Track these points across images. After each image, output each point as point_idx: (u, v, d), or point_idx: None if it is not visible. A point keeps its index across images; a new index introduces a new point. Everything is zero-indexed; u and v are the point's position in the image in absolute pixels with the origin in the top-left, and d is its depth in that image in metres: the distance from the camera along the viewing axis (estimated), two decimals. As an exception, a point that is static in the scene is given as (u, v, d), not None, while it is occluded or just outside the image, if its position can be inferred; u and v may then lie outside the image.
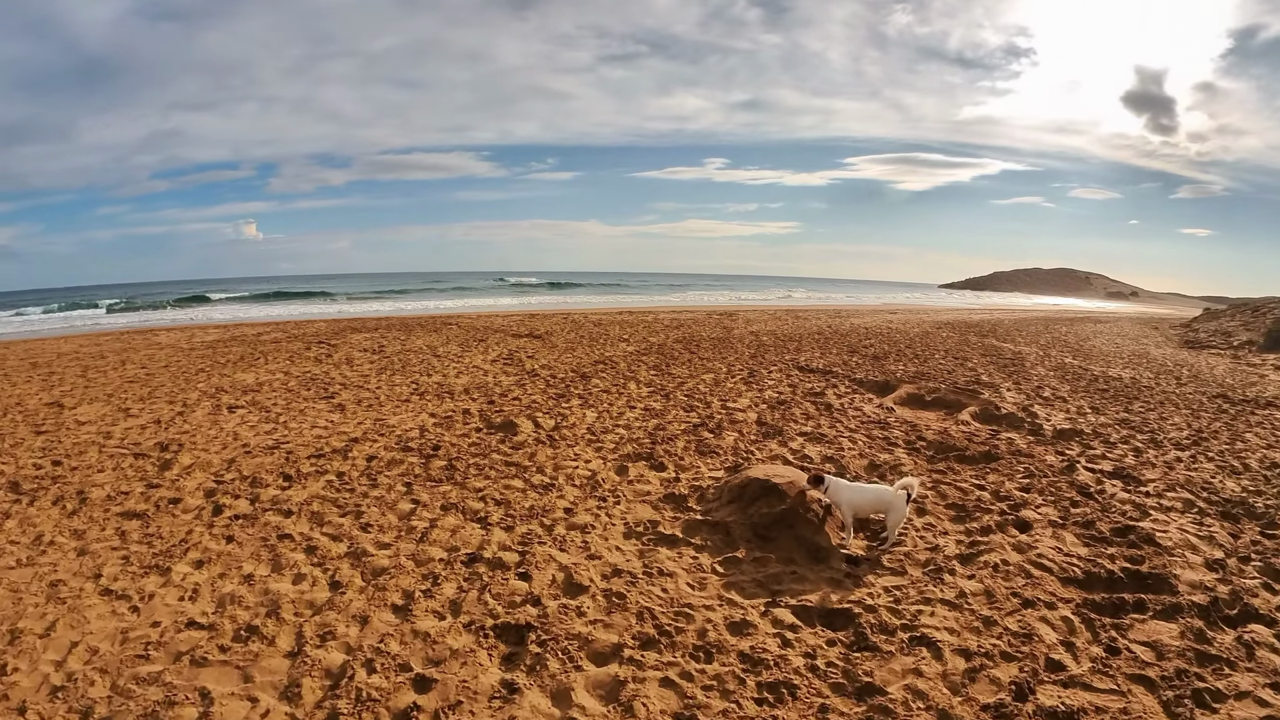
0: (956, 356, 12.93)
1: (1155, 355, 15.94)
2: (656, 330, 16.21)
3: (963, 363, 12.12)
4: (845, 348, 13.62)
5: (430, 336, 15.26)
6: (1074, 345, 16.86)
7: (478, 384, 9.22)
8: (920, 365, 11.51)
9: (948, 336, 17.06)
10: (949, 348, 14.47)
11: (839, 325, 19.12)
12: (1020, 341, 16.89)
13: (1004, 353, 14.04)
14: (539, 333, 15.45)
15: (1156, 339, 21.08)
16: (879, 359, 12.08)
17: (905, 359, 12.21)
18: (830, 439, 6.57)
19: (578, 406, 7.67)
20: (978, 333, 18.65)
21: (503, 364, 10.91)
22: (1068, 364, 13.02)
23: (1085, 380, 10.91)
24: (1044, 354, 14.31)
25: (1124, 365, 13.30)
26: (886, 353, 12.95)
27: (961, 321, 23.43)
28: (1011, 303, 60.75)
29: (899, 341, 15.16)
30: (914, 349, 13.78)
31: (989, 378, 10.61)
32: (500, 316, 22.22)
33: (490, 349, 12.78)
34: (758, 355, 12.03)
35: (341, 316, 24.63)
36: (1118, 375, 11.79)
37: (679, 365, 10.64)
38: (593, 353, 12.08)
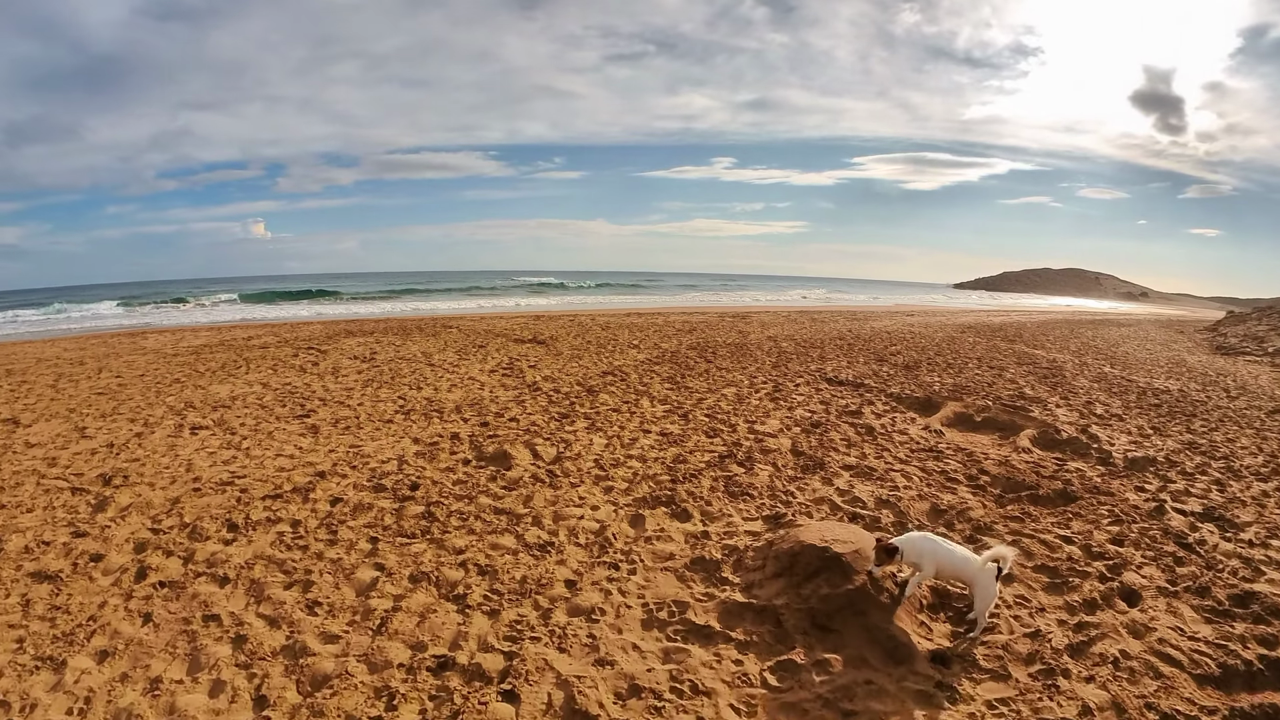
0: (991, 366, 11.95)
1: (1193, 363, 14.95)
2: (668, 335, 15.26)
3: (1000, 374, 11.15)
4: (872, 355, 12.65)
5: (427, 342, 14.34)
6: (1106, 352, 15.87)
7: (472, 400, 8.28)
8: (956, 376, 10.54)
9: (975, 342, 16.07)
10: (980, 355, 13.50)
11: (859, 329, 18.13)
12: (1050, 347, 15.90)
13: (1039, 361, 13.06)
14: (543, 338, 14.51)
15: (1186, 344, 20.06)
16: (911, 369, 11.10)
17: (938, 369, 11.23)
18: (880, 474, 5.61)
19: (583, 430, 6.72)
20: (1004, 338, 17.65)
21: (501, 375, 9.97)
22: (1109, 374, 12.06)
23: (1133, 394, 9.98)
24: (1081, 362, 13.33)
25: (1166, 375, 12.35)
26: (917, 361, 11.97)
27: (983, 325, 22.43)
28: (1026, 304, 59.64)
29: (926, 348, 14.18)
30: (944, 357, 12.80)
31: (1033, 391, 9.66)
32: (504, 319, 21.30)
33: (490, 356, 11.85)
34: (780, 365, 11.06)
35: (340, 318, 23.75)
36: (1164, 387, 10.85)
37: (696, 377, 9.68)
38: (600, 361, 11.13)
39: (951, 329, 19.85)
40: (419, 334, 16.09)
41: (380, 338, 15.33)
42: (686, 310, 25.98)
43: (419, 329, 17.45)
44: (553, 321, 19.36)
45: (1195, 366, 14.17)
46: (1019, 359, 13.21)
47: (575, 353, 12.17)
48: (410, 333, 16.40)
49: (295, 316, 25.62)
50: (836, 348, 13.59)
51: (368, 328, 18.27)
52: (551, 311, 25.90)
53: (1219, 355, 17.42)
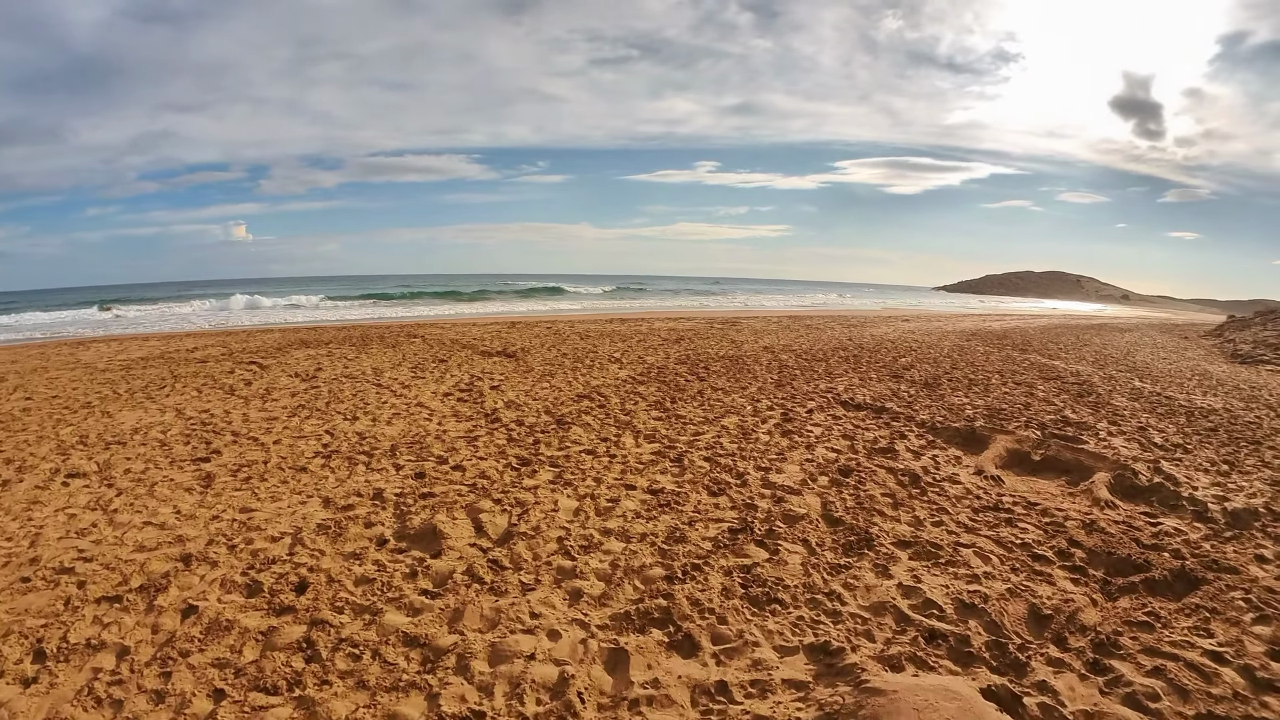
0: (1017, 382, 10.57)
1: (1218, 374, 13.70)
2: (653, 346, 13.73)
3: (1031, 392, 9.78)
4: (884, 370, 11.21)
5: (385, 355, 12.71)
6: (1124, 362, 14.60)
7: (413, 436, 6.70)
8: (985, 396, 9.14)
9: (986, 352, 14.72)
10: (998, 368, 12.13)
11: (858, 338, 16.73)
12: (1066, 358, 14.59)
13: (1063, 375, 11.72)
14: (513, 350, 12.93)
15: (1198, 352, 18.88)
16: (932, 387, 9.67)
17: (962, 387, 9.82)
18: (947, 552, 4.13)
19: (547, 484, 5.17)
20: (1014, 346, 16.33)
21: (457, 399, 8.40)
22: (1143, 390, 10.75)
23: (1180, 415, 8.71)
24: (1107, 376, 12.01)
25: (1200, 389, 11.09)
26: (936, 378, 10.54)
27: (986, 331, 21.15)
28: (1017, 308, 58.88)
29: (939, 360, 12.78)
30: (962, 371, 11.40)
31: (1076, 415, 8.30)
32: (476, 326, 19.67)
33: (449, 374, 10.26)
34: (784, 384, 9.57)
35: (301, 325, 21.97)
36: (1208, 406, 9.58)
37: (688, 401, 8.15)
38: (576, 380, 9.58)
39: (955, 336, 18.52)
40: (378, 345, 14.45)
41: (335, 349, 13.69)
42: (672, 315, 24.48)
43: (381, 339, 15.81)
44: (528, 329, 17.78)
45: (1224, 379, 12.92)
46: (1042, 372, 11.85)
47: (548, 369, 10.60)
48: (370, 343, 14.77)
49: (258, 324, 23.80)
50: (842, 360, 12.14)
51: (328, 336, 16.61)
52: (529, 317, 24.30)
53: (1238, 364, 16.24)
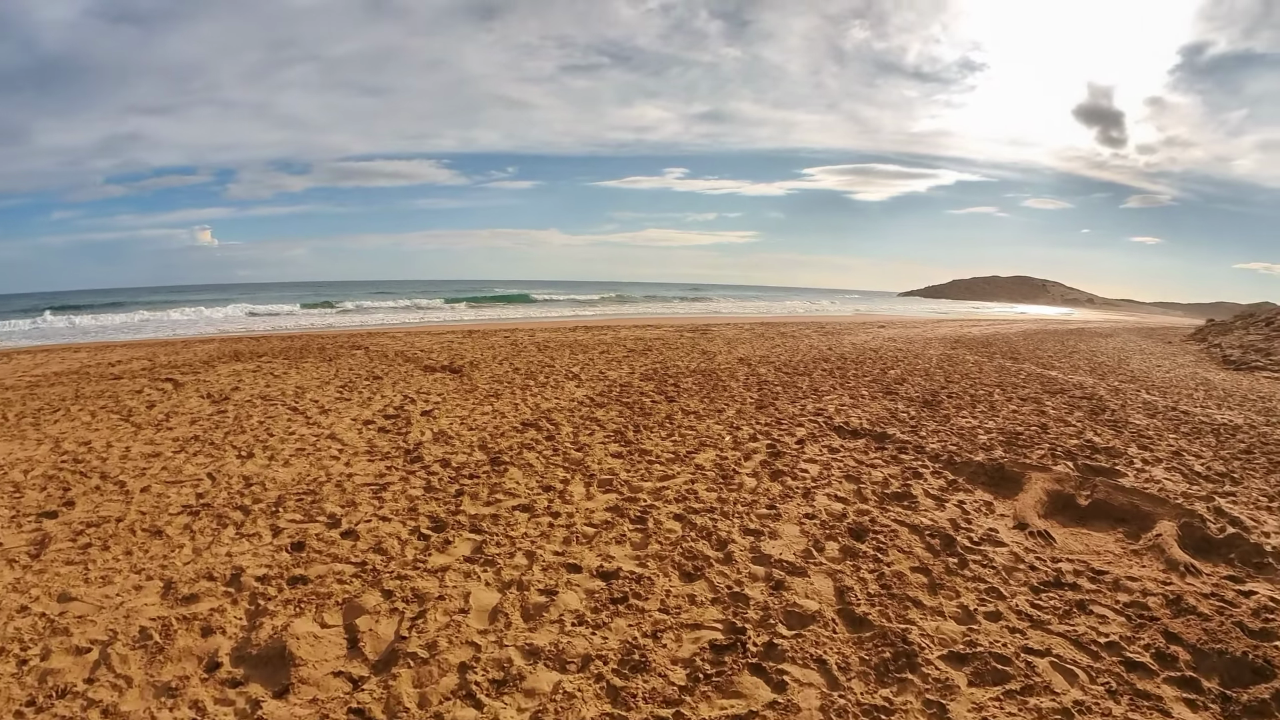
0: (1023, 397, 9.49)
1: (1219, 383, 12.85)
2: (617, 358, 12.40)
3: (1040, 409, 8.70)
4: (874, 385, 10.03)
5: (316, 370, 11.21)
6: (1121, 370, 13.70)
7: (309, 483, 5.29)
8: (994, 416, 8.01)
9: (977, 361, 13.67)
10: (995, 380, 11.07)
11: (838, 346, 15.58)
12: (1061, 366, 13.62)
13: (1067, 388, 10.70)
14: (461, 364, 11.50)
15: (1187, 358, 18.13)
16: (931, 405, 8.51)
17: (965, 405, 8.68)
18: (1016, 668, 2.88)
19: (461, 564, 3.80)
20: (1004, 355, 15.33)
21: (379, 429, 6.99)
22: (1155, 404, 9.76)
23: (1208, 434, 7.78)
24: (1113, 388, 11.02)
25: (1212, 402, 10.20)
26: (934, 394, 9.39)
27: (969, 338, 20.23)
28: (989, 313, 58.73)
29: (930, 372, 11.66)
30: (959, 385, 10.30)
31: (1100, 438, 7.22)
32: (428, 335, 18.15)
33: (380, 394, 8.83)
34: (766, 404, 8.32)
35: (245, 334, 20.23)
36: (1228, 421, 8.66)
37: (654, 429, 6.83)
38: (524, 403, 8.22)
39: (940, 344, 17.49)
40: (314, 358, 12.91)
41: (264, 363, 12.14)
42: (639, 323, 23.16)
43: (319, 350, 14.25)
44: (484, 339, 16.33)
45: (1230, 388, 12.03)
46: (1044, 385, 10.80)
47: (495, 388, 9.21)
48: (306, 356, 13.22)
49: (195, 332, 21.95)
50: (827, 374, 10.94)
51: (264, 347, 14.99)
52: (488, 325, 22.81)
53: (1234, 371, 15.46)
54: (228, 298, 47.71)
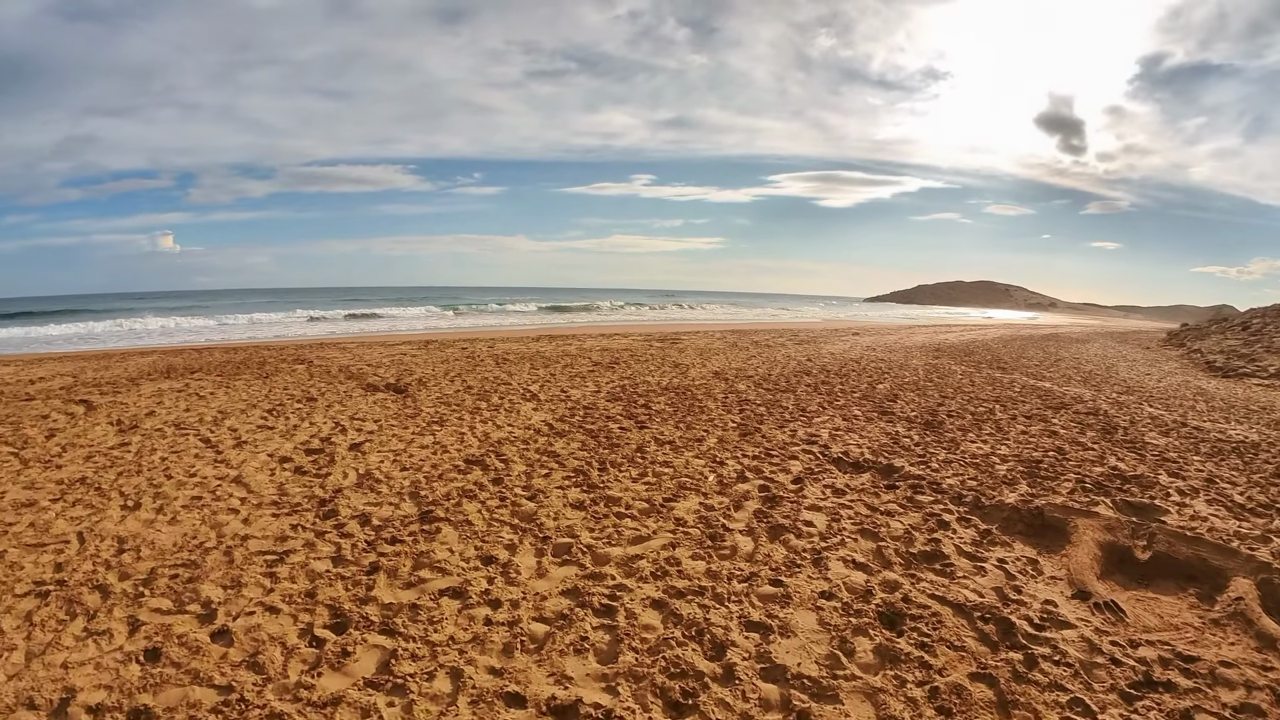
0: (1026, 415, 8.74)
1: (1215, 392, 12.31)
2: (581, 373, 11.35)
3: (1047, 427, 7.94)
4: (866, 402, 9.15)
5: (247, 389, 9.97)
6: (1112, 379, 13.17)
7: (193, 548, 4.17)
8: (1003, 439, 7.20)
9: (966, 372, 12.91)
10: (991, 394, 10.31)
11: (817, 357, 14.72)
12: (1051, 377, 12.96)
13: (1065, 401, 10.02)
14: (408, 382, 10.34)
15: (1170, 364, 17.72)
16: (933, 427, 7.64)
17: (969, 425, 7.85)
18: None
19: (355, 696, 2.72)
20: (991, 364, 14.63)
21: (296, 468, 5.85)
22: (1162, 419, 9.12)
23: (1226, 453, 7.16)
24: (1115, 401, 10.37)
25: (1219, 414, 9.72)
26: (933, 412, 8.55)
27: (949, 346, 19.58)
28: (959, 318, 58.90)
29: (921, 386, 10.85)
30: (955, 401, 9.49)
31: (1124, 463, 6.47)
32: (381, 346, 16.86)
33: (309, 420, 7.67)
34: (749, 429, 7.35)
35: (185, 346, 18.70)
36: (1244, 438, 8.11)
37: (623, 466, 5.79)
38: (471, 431, 7.12)
39: (920, 353, 16.76)
40: (249, 374, 11.64)
41: (194, 381, 10.85)
42: (606, 331, 22.08)
43: (258, 365, 12.94)
44: (439, 351, 15.13)
45: (1229, 398, 11.45)
46: (1043, 400, 10.04)
47: (440, 412, 8.10)
48: (241, 372, 11.93)
49: (133, 343, 20.31)
50: (811, 390, 10.02)
51: (199, 363, 13.60)
52: (447, 335, 21.54)
53: (1222, 378, 15.00)
54: (194, 305, 45.65)
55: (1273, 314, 24.71)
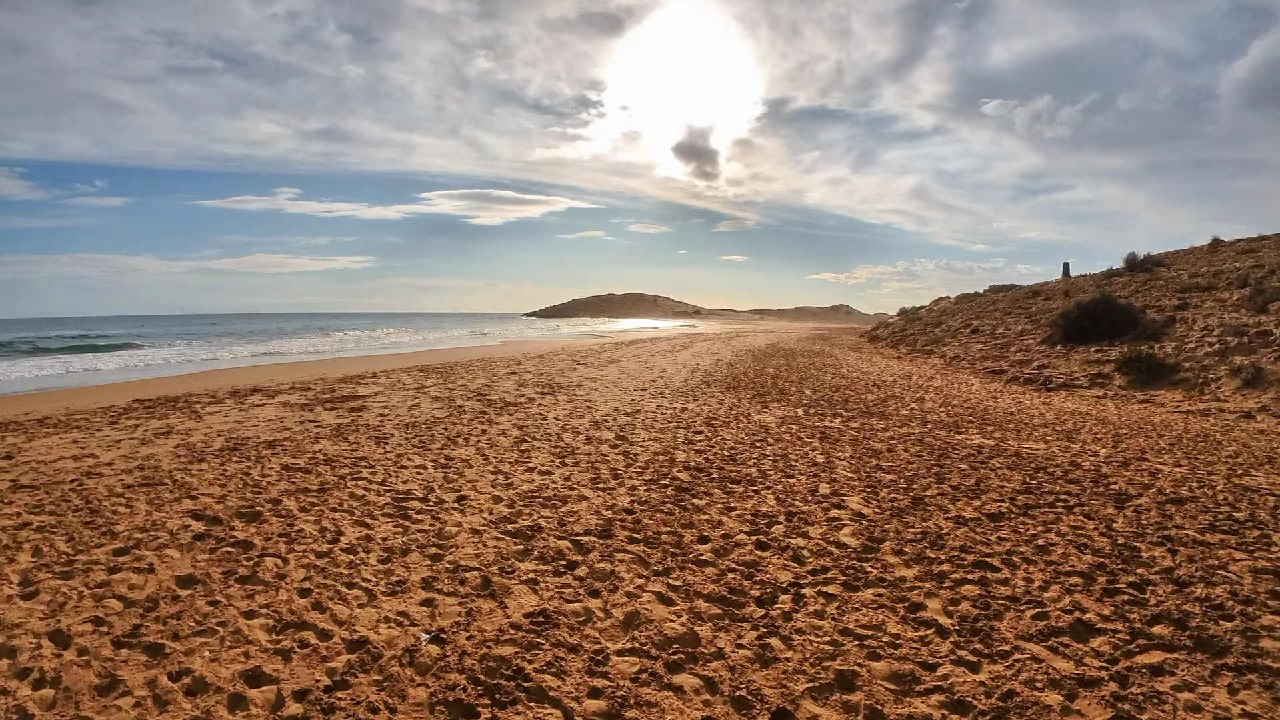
0: (1020, 508, 3.82)
1: (1066, 410, 9.47)
2: (168, 534, 3.76)
3: (1061, 525, 2.99)
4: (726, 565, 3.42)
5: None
6: (966, 408, 9.60)
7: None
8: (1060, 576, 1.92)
9: (839, 432, 8.18)
10: (932, 472, 5.52)
11: (564, 414, 8.83)
12: (934, 418, 8.99)
13: (1016, 463, 5.70)
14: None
15: (962, 375, 15.60)
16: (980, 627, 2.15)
17: (981, 549, 2.54)
18: None
19: None
20: (828, 405, 10.27)
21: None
22: (1104, 477, 5.09)
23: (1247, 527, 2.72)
24: (1027, 449, 6.33)
25: (1152, 454, 6.02)
26: (916, 545, 3.13)
27: (740, 377, 15.19)
28: (651, 332, 57.71)
29: (810, 476, 5.63)
30: (906, 502, 4.32)
31: (1188, 575, 1.42)
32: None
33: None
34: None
35: None
36: (1254, 485, 4.06)
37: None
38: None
39: (709, 389, 11.85)
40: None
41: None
42: (238, 384, 13.26)
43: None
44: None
45: (1118, 422, 8.45)
46: (992, 470, 5.60)
47: None
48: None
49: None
50: (628, 534, 4.04)
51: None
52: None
53: (1046, 391, 12.80)
54: None
55: (974, 310, 25.80)
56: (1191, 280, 19.81)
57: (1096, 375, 14.13)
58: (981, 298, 31.94)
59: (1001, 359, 17.61)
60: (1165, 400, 11.48)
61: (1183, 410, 10.33)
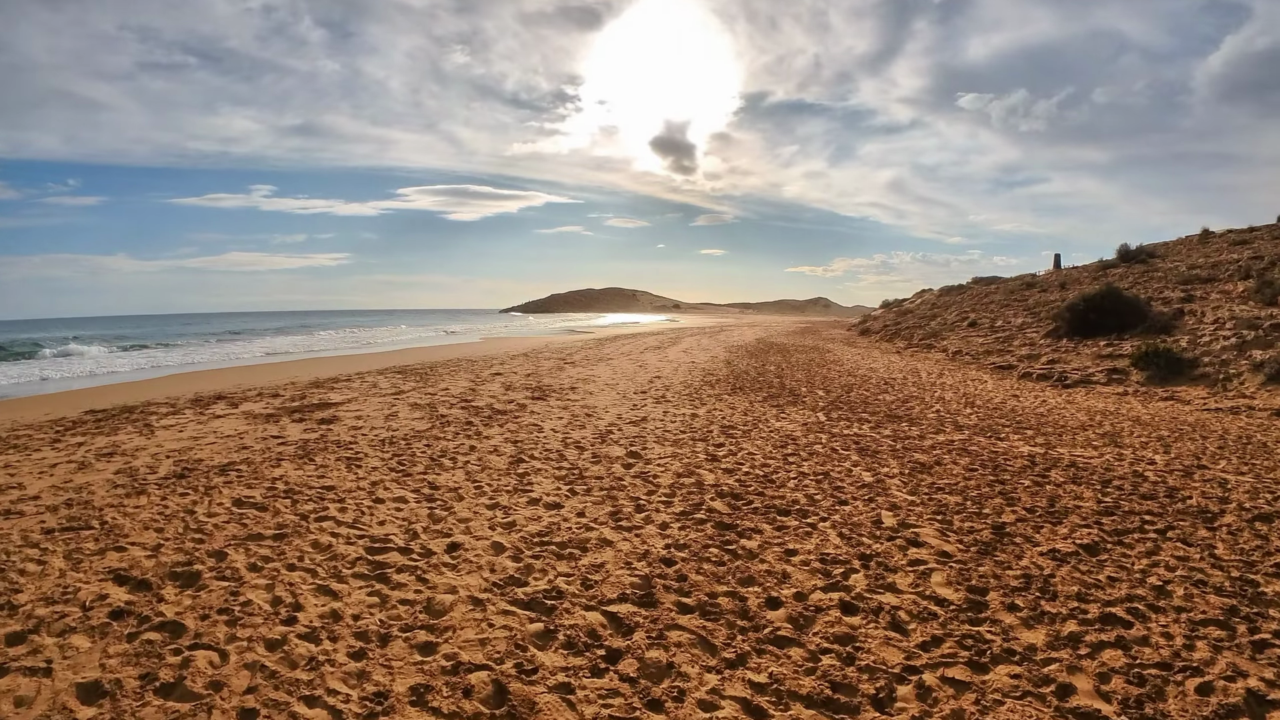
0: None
1: (1130, 415, 8.78)
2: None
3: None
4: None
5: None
6: (970, 404, 8.86)
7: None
8: None
9: (958, 464, 7.37)
10: (1043, 505, 4.70)
11: (564, 428, 7.89)
12: (923, 422, 8.18)
13: (994, 457, 4.93)
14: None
15: (971, 371, 14.89)
16: None
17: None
18: None
19: None
20: (867, 414, 9.45)
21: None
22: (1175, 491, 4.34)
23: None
24: (1025, 444, 5.61)
25: (1192, 460, 5.33)
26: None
27: (741, 374, 14.33)
28: (634, 326, 56.83)
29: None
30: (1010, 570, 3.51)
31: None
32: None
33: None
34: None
35: None
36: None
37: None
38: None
39: (734, 400, 10.96)
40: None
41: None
42: (204, 390, 12.03)
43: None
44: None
45: (1152, 422, 7.76)
46: (1082, 499, 4.78)
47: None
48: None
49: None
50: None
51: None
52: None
53: (1062, 388, 12.16)
54: None
55: (967, 302, 25.17)
56: (1191, 272, 19.31)
57: (1112, 370, 13.50)
58: (968, 290, 31.39)
59: (1007, 353, 16.97)
60: (1189, 397, 10.85)
61: (1210, 408, 9.72)
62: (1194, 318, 15.47)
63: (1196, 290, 17.52)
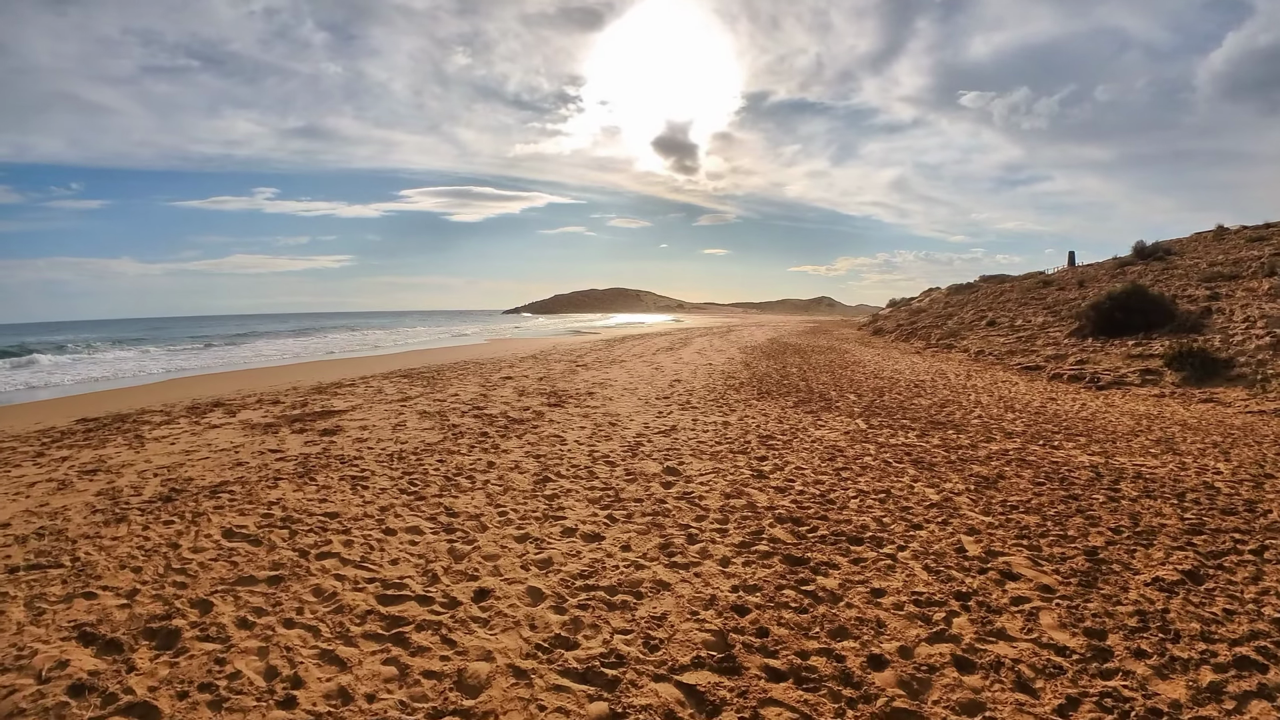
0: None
1: (1170, 417, 8.16)
2: None
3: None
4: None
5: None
6: (1009, 408, 8.27)
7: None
8: None
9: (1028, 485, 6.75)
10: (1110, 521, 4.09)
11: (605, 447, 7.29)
12: (972, 430, 7.57)
13: (1055, 468, 4.25)
14: None
15: (999, 373, 14.25)
16: None
17: None
18: None
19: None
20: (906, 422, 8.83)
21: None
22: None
23: None
24: (1082, 453, 5.09)
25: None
26: None
27: (765, 381, 13.70)
28: (638, 327, 56.18)
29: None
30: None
31: None
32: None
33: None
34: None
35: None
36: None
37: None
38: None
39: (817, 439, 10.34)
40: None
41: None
42: (196, 398, 11.41)
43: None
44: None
45: (1205, 428, 7.16)
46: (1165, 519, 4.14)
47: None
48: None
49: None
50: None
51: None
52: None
53: (1096, 389, 11.54)
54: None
55: (982, 301, 24.54)
56: (1213, 269, 18.68)
57: (1145, 371, 12.88)
58: (980, 288, 30.77)
59: (1032, 353, 16.35)
60: (1230, 399, 10.24)
61: (1254, 411, 9.13)
62: (1222, 316, 14.87)
63: (1221, 288, 16.90)
